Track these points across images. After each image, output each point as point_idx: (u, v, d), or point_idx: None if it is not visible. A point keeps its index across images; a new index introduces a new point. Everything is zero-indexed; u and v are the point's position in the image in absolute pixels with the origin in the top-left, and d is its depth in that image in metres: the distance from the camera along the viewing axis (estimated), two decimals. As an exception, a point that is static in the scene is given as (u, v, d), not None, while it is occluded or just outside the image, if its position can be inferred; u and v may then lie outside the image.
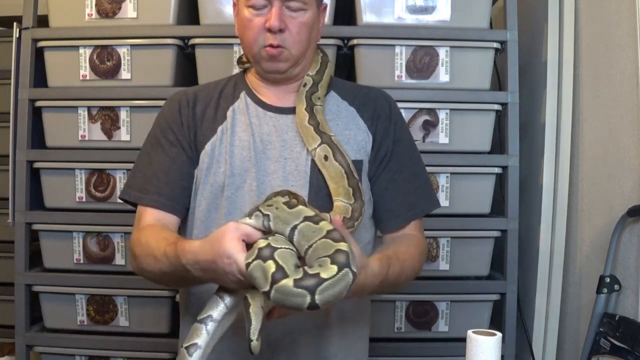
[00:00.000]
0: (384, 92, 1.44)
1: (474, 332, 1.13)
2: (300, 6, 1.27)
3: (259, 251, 0.99)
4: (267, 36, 1.26)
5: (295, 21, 1.27)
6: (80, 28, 1.99)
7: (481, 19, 2.00)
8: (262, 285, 0.97)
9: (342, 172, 1.27)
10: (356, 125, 1.36)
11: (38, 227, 2.01)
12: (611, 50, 1.85)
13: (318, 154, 1.28)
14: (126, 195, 1.34)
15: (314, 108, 1.31)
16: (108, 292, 2.00)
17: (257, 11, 1.26)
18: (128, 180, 1.36)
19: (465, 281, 2.03)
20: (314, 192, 1.28)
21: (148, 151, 1.35)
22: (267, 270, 0.96)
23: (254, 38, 1.28)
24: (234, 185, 1.29)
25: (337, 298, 0.96)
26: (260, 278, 0.97)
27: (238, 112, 1.34)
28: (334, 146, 1.27)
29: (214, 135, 1.32)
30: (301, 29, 1.28)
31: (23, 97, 1.99)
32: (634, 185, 1.70)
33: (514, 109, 2.00)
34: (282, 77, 1.33)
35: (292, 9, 1.27)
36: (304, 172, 1.29)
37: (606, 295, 1.74)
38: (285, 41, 1.27)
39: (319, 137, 1.28)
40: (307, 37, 1.30)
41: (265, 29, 1.26)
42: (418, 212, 1.37)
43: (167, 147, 1.32)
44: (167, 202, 1.29)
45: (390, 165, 1.36)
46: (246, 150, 1.30)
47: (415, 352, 2.00)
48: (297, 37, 1.28)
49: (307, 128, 1.29)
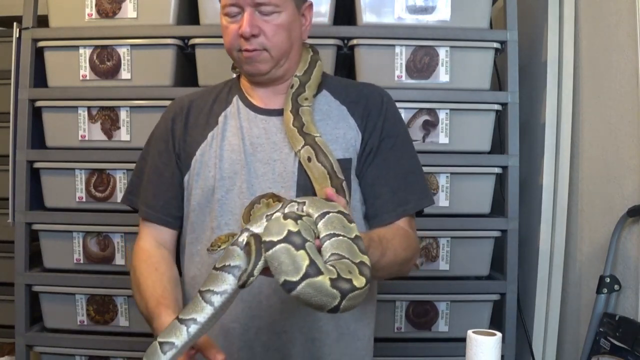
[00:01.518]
0: (379, 88, 1.43)
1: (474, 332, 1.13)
2: (273, 9, 1.28)
3: (289, 234, 0.92)
4: (241, 42, 1.29)
5: (269, 24, 1.28)
6: (80, 28, 1.99)
7: (481, 19, 2.00)
8: (287, 272, 0.91)
9: (325, 173, 1.27)
10: (346, 124, 1.36)
11: (38, 227, 2.01)
12: (611, 50, 1.85)
13: (302, 156, 1.28)
14: (128, 202, 1.43)
15: (299, 109, 1.32)
16: (108, 292, 2.00)
17: (232, 18, 1.30)
18: (128, 185, 1.44)
19: (465, 281, 2.03)
20: (302, 193, 1.28)
21: (143, 158, 1.42)
22: (300, 261, 0.91)
23: (230, 44, 1.31)
24: (224, 188, 1.31)
25: (351, 308, 0.95)
26: (286, 264, 0.91)
27: (230, 117, 1.37)
28: (317, 147, 1.27)
29: (204, 141, 1.35)
30: (277, 31, 1.29)
31: (23, 97, 2.00)
32: (634, 185, 1.70)
33: (514, 109, 2.00)
34: (267, 78, 1.35)
35: (264, 13, 1.28)
36: (291, 173, 1.30)
37: (606, 295, 1.74)
38: (262, 44, 1.29)
39: (302, 139, 1.29)
40: (285, 38, 1.30)
41: (238, 35, 1.28)
42: (408, 209, 1.35)
43: (157, 157, 1.39)
44: (158, 215, 1.37)
45: (376, 162, 1.34)
46: (235, 154, 1.32)
47: (415, 352, 2.00)
48: (275, 39, 1.29)
49: (292, 130, 1.30)
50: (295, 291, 0.91)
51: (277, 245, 0.92)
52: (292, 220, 0.95)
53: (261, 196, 1.22)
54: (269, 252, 0.92)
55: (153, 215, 1.36)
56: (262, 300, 1.27)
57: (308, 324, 1.30)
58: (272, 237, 0.93)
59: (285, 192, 1.27)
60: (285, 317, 1.28)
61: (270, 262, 0.93)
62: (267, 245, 0.93)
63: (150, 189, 1.37)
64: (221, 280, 1.03)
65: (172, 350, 1.03)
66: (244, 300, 1.27)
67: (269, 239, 0.93)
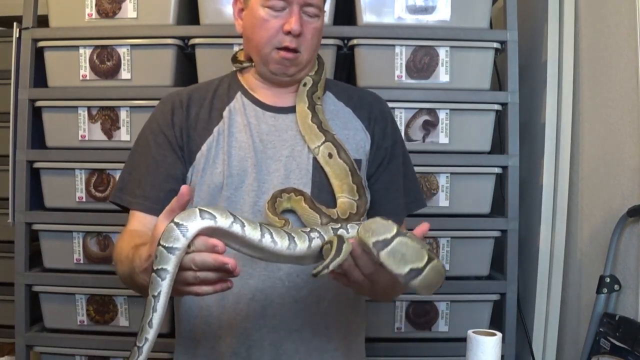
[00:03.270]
0: (376, 94, 1.46)
1: (474, 332, 1.13)
2: (316, 12, 1.29)
3: (398, 231, 1.00)
4: (284, 38, 1.26)
5: (310, 26, 1.28)
6: (80, 28, 1.99)
7: (481, 19, 2.00)
8: (412, 261, 0.99)
9: (346, 169, 1.28)
10: (353, 126, 1.37)
11: (38, 227, 2.01)
12: (611, 50, 1.85)
13: (322, 152, 1.28)
14: (117, 198, 1.34)
15: (315, 107, 1.32)
16: (108, 292, 2.00)
17: (276, 12, 1.26)
18: (117, 182, 1.36)
19: (465, 281, 2.03)
20: (317, 190, 1.29)
21: (136, 152, 1.35)
22: (421, 250, 1.00)
23: (268, 39, 1.27)
24: (233, 186, 1.29)
25: None
26: (410, 254, 0.99)
27: (234, 112, 1.34)
28: (337, 144, 1.29)
29: (210, 135, 1.32)
30: (314, 34, 1.30)
31: (23, 97, 1.99)
32: (634, 185, 1.70)
33: (514, 109, 2.00)
34: (289, 81, 1.34)
35: (308, 14, 1.28)
36: (306, 170, 1.30)
37: (606, 295, 1.74)
38: (300, 45, 1.28)
39: (323, 135, 1.29)
40: (317, 43, 1.32)
41: (282, 31, 1.26)
42: (410, 211, 1.42)
43: (154, 150, 1.32)
44: (153, 205, 1.28)
45: (390, 167, 1.38)
46: (244, 151, 1.30)
47: (415, 352, 2.00)
48: (311, 42, 1.29)
49: (311, 126, 1.30)
50: (419, 276, 1.00)
51: (394, 240, 0.99)
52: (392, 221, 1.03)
53: (282, 190, 1.24)
54: (388, 248, 0.99)
55: (151, 206, 1.27)
56: (274, 299, 1.27)
57: (319, 322, 1.30)
58: (381, 236, 1.00)
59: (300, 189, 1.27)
60: (297, 316, 1.28)
61: (392, 256, 0.99)
62: (380, 245, 1.00)
63: (149, 181, 1.29)
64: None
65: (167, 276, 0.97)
66: (256, 300, 1.26)
67: (380, 238, 1.00)
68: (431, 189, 1.99)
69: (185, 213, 0.96)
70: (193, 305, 1.32)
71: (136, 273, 1.09)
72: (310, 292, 1.29)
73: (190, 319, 1.34)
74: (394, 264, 0.99)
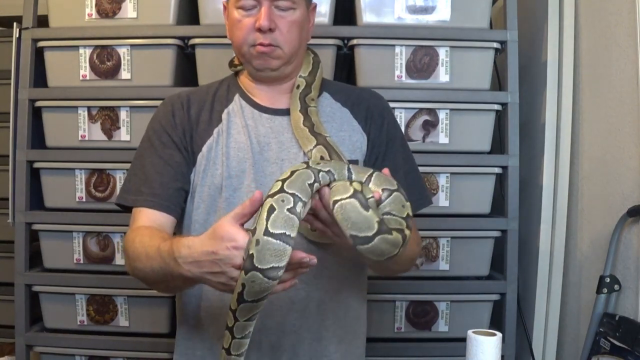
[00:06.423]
0: (375, 92, 1.46)
1: (474, 332, 1.13)
2: (289, 5, 1.28)
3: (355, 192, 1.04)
4: (257, 36, 1.28)
5: (284, 20, 1.28)
6: (80, 28, 1.99)
7: (481, 19, 2.00)
8: (361, 229, 1.02)
9: None
10: (350, 126, 1.37)
11: (38, 227, 2.01)
12: (611, 50, 1.85)
13: (314, 155, 1.28)
14: (122, 200, 1.33)
15: (308, 109, 1.32)
16: (108, 292, 2.00)
17: (247, 12, 1.28)
18: (123, 185, 1.35)
19: (465, 281, 2.03)
20: None
21: (142, 154, 1.34)
22: (370, 220, 1.02)
23: (243, 38, 1.29)
24: (232, 187, 1.29)
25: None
26: (361, 223, 1.02)
27: (233, 114, 1.35)
28: (329, 147, 1.28)
29: (210, 137, 1.33)
30: (291, 27, 1.29)
31: (23, 97, 1.99)
32: (634, 185, 1.70)
33: (514, 109, 2.00)
34: (275, 76, 1.34)
35: (281, 8, 1.28)
36: None
37: (606, 295, 1.74)
38: (276, 40, 1.28)
39: (315, 139, 1.28)
40: (297, 36, 1.31)
41: (254, 29, 1.27)
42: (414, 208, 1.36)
43: (160, 150, 1.32)
44: (161, 202, 1.28)
45: (385, 164, 1.35)
46: (242, 152, 1.31)
47: (415, 352, 2.00)
48: (288, 36, 1.29)
49: (302, 130, 1.30)
50: (368, 245, 1.03)
51: (346, 200, 1.03)
52: (355, 183, 1.07)
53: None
54: (339, 205, 1.03)
55: (159, 203, 1.27)
56: (273, 300, 1.27)
57: (317, 323, 1.30)
58: (338, 195, 1.04)
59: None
60: (295, 317, 1.28)
61: (344, 218, 1.03)
62: (337, 204, 1.04)
63: (156, 179, 1.29)
64: None
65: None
66: None
67: (337, 197, 1.04)
68: (431, 189, 1.99)
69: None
70: (193, 306, 1.32)
71: (175, 263, 1.07)
72: (309, 294, 1.29)
73: (189, 320, 1.34)
74: (344, 226, 1.04)
